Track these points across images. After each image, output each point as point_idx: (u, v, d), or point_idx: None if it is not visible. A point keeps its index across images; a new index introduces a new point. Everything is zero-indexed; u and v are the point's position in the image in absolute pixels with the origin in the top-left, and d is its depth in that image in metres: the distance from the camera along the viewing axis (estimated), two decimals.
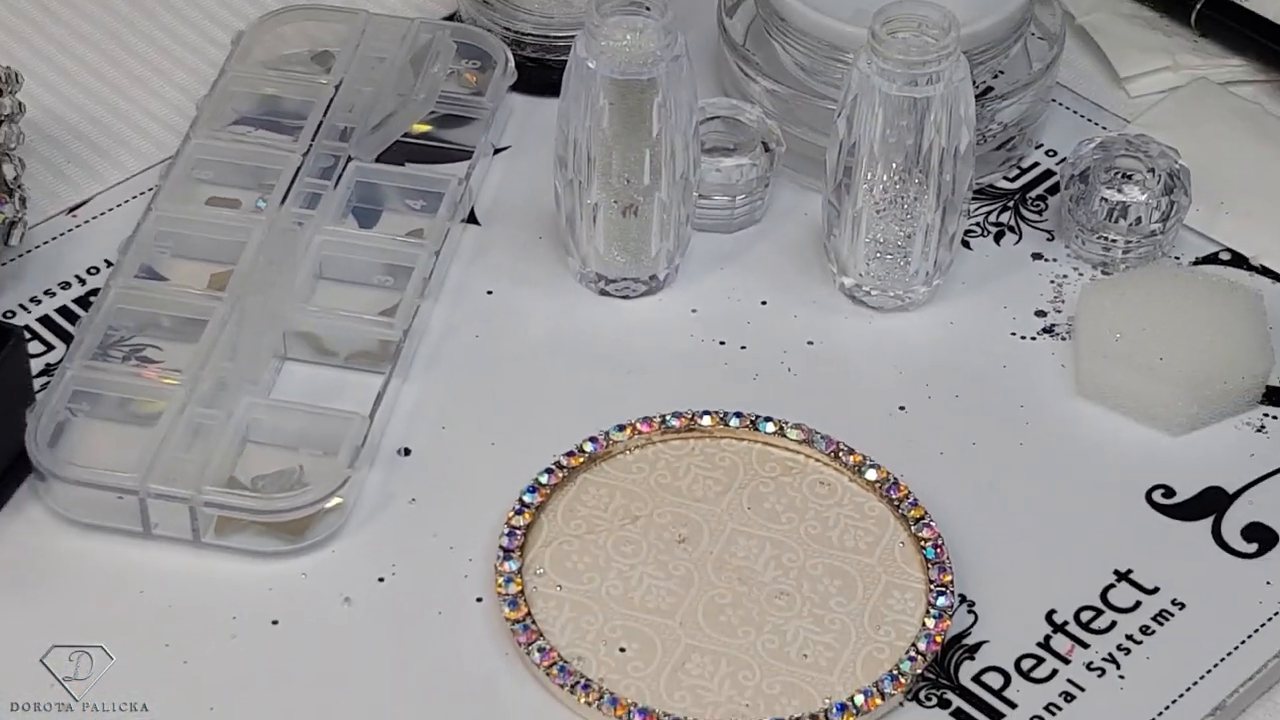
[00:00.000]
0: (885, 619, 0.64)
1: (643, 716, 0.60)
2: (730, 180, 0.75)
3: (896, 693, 0.61)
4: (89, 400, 0.68)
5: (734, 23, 0.79)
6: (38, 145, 0.77)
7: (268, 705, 0.61)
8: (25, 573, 0.65)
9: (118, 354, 0.70)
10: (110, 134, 0.79)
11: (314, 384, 0.70)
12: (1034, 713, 0.62)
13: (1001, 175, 0.78)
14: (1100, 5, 0.84)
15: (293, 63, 0.80)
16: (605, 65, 0.69)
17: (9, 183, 0.70)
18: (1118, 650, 0.64)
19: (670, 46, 0.69)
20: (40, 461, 0.65)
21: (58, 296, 0.73)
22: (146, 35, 0.83)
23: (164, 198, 0.74)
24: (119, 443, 0.67)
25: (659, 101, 0.69)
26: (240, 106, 0.78)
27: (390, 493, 0.67)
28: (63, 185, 0.77)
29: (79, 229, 0.75)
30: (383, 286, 0.72)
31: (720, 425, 0.68)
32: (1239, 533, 0.67)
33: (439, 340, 0.72)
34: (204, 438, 0.67)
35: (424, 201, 0.75)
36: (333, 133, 0.76)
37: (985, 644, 0.64)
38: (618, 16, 0.69)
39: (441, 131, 0.78)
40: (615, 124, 0.70)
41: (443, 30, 0.80)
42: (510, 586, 0.64)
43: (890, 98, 0.69)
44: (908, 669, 0.62)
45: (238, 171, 0.76)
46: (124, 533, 0.66)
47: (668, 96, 0.69)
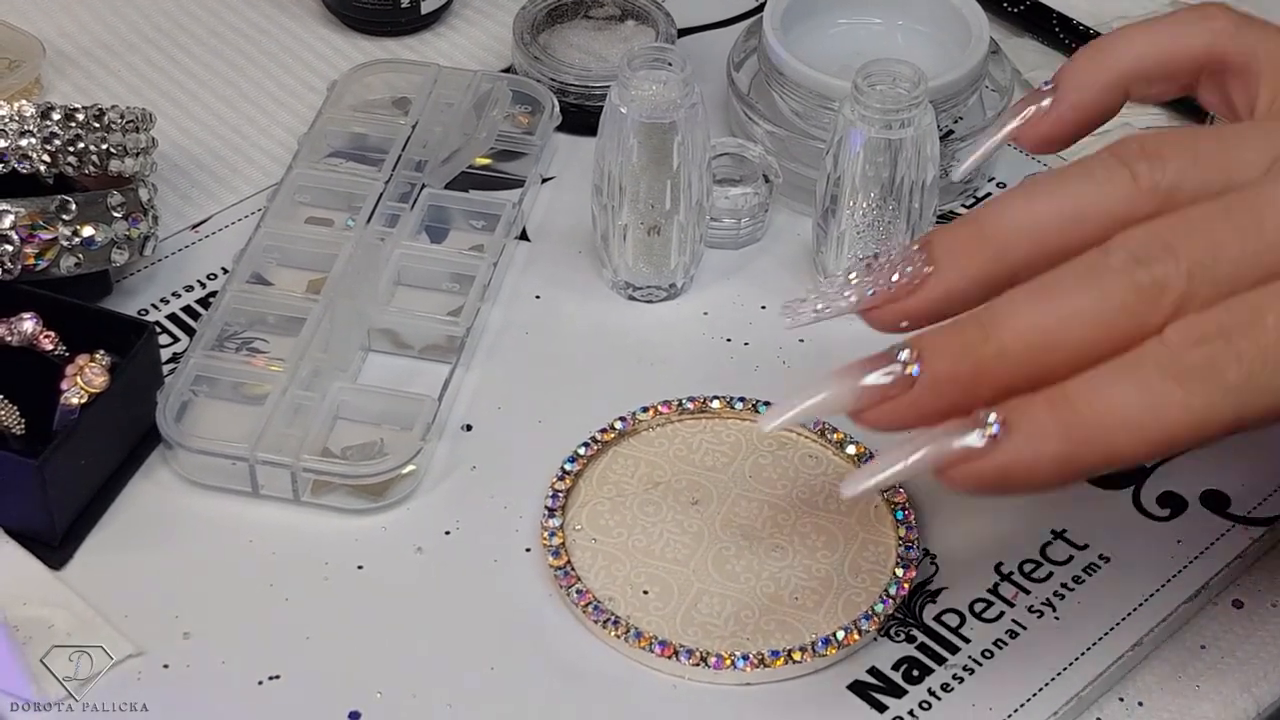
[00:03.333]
0: (862, 569, 0.64)
1: (661, 648, 0.60)
2: (736, 206, 0.75)
3: (871, 629, 0.61)
4: (208, 383, 0.68)
5: (740, 76, 0.79)
6: (167, 173, 0.77)
7: (353, 635, 0.62)
8: (156, 525, 0.65)
9: (232, 345, 0.70)
10: (227, 164, 0.79)
11: (393, 371, 0.70)
12: (984, 647, 0.62)
13: (960, 204, 0.78)
14: (1043, 63, 0.84)
15: (377, 107, 0.80)
16: (635, 110, 0.69)
17: (144, 204, 0.70)
18: (1054, 596, 0.63)
19: (688, 95, 0.69)
20: (168, 433, 0.65)
21: (182, 298, 0.73)
22: (257, 83, 0.83)
23: (271, 217, 0.74)
24: (232, 418, 0.67)
25: (679, 141, 0.69)
26: (334, 142, 0.78)
27: (455, 461, 0.67)
28: (187, 206, 0.77)
29: (200, 242, 0.75)
30: (450, 291, 0.72)
31: (727, 408, 0.68)
32: (1154, 500, 0.66)
33: (496, 336, 0.72)
34: (302, 415, 0.67)
35: (484, 221, 0.75)
36: (409, 164, 0.76)
37: (945, 590, 0.63)
38: (645, 70, 0.69)
39: (499, 164, 0.78)
40: (642, 159, 0.70)
41: (500, 80, 0.80)
42: (554, 539, 0.64)
43: (869, 139, 0.69)
44: (880, 610, 0.62)
45: (331, 196, 0.76)
46: (236, 493, 0.66)
47: (686, 136, 0.69)
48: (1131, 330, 0.49)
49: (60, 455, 0.62)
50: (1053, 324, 0.49)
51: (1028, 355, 0.50)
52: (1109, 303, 0.49)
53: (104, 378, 0.63)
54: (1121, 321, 0.49)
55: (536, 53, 0.81)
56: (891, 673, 0.61)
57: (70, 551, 0.64)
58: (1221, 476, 0.67)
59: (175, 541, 0.64)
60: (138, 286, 0.73)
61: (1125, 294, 0.49)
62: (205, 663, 0.60)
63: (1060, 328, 0.49)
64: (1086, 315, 0.49)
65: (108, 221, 0.68)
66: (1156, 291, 0.49)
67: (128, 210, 0.69)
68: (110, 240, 0.68)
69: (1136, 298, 0.49)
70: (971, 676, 0.61)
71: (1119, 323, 0.49)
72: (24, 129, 0.67)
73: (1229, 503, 0.66)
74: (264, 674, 0.60)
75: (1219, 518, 0.66)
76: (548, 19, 0.83)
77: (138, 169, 0.71)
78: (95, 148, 0.68)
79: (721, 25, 0.86)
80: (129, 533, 0.64)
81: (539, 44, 0.82)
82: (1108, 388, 0.48)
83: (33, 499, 0.62)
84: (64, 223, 0.67)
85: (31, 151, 0.67)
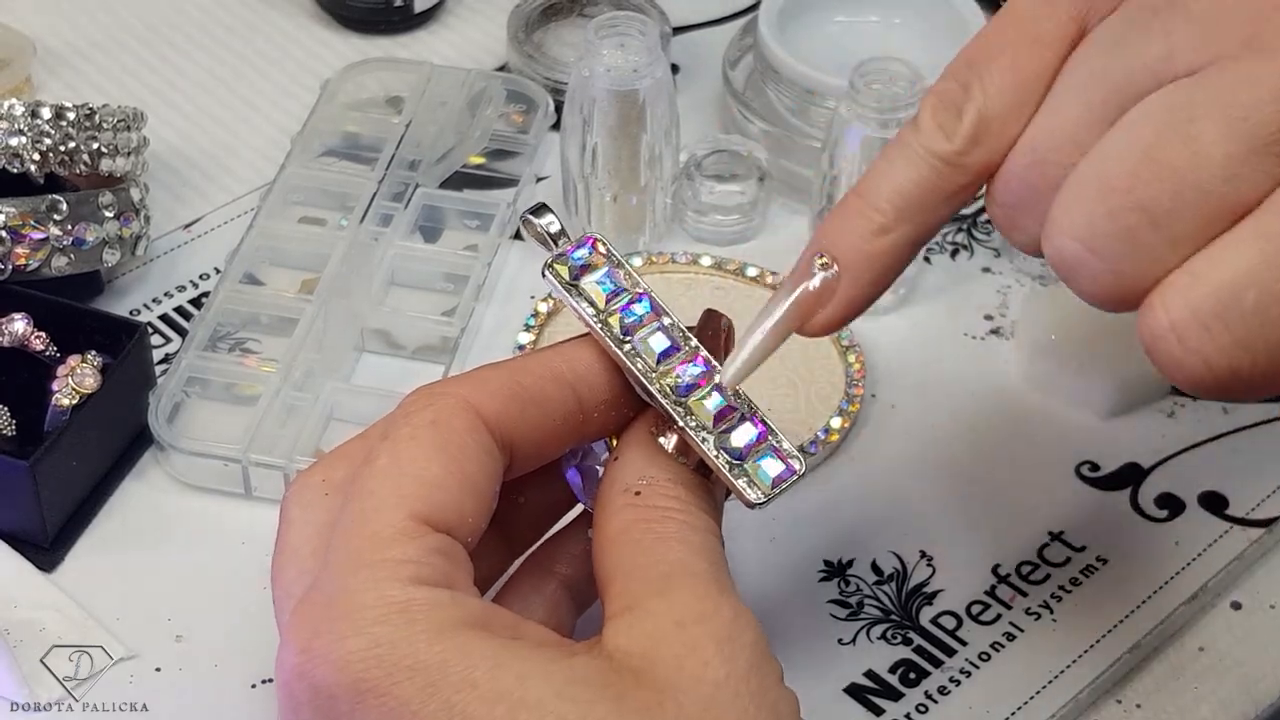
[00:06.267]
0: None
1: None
2: (727, 203, 0.74)
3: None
4: (200, 384, 0.68)
5: (735, 74, 0.79)
6: (159, 173, 0.77)
7: None
8: (148, 526, 0.65)
9: (224, 346, 0.70)
10: (219, 163, 0.79)
11: (386, 372, 0.70)
12: (981, 650, 0.62)
13: None
14: None
15: (370, 105, 0.79)
16: (601, 79, 0.69)
17: (136, 203, 0.70)
18: (1051, 598, 0.63)
19: (653, 65, 0.69)
20: (160, 434, 0.65)
21: (175, 298, 0.73)
22: (250, 82, 0.82)
23: (263, 216, 0.74)
24: (225, 419, 0.67)
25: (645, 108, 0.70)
26: (327, 141, 0.78)
27: None
28: (179, 205, 0.77)
29: (192, 242, 0.75)
30: (444, 291, 0.72)
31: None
32: (1152, 501, 0.66)
33: (490, 336, 0.71)
34: (295, 416, 0.66)
35: (478, 221, 0.75)
36: (403, 164, 0.76)
37: (941, 592, 0.63)
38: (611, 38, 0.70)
39: (493, 163, 0.78)
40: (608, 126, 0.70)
41: (494, 79, 0.79)
42: None
43: (866, 137, 0.68)
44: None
45: (324, 195, 0.75)
46: (229, 494, 0.65)
47: (651, 105, 0.70)
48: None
49: (51, 457, 0.62)
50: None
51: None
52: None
53: (95, 379, 0.63)
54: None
55: (530, 51, 0.81)
56: (888, 676, 0.61)
57: (62, 554, 0.63)
58: (1220, 478, 0.67)
59: (168, 543, 0.64)
60: (129, 287, 0.73)
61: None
62: (198, 665, 0.60)
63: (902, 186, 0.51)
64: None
65: (99, 221, 0.68)
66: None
67: (119, 210, 0.69)
68: (102, 240, 0.68)
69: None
70: (969, 679, 0.61)
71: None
72: (14, 128, 0.66)
73: (1227, 504, 0.66)
74: (257, 677, 0.60)
75: (1217, 519, 0.66)
76: (542, 17, 0.83)
77: (129, 168, 0.70)
78: (86, 147, 0.68)
79: (717, 23, 0.86)
80: (121, 535, 0.64)
81: (533, 42, 0.81)
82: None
83: (24, 501, 0.62)
84: (55, 223, 0.66)
85: (22, 151, 0.67)
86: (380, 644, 0.45)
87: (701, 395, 0.51)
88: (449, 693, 0.45)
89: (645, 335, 0.52)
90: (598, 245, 0.53)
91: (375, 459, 0.49)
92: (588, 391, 0.52)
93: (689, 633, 0.47)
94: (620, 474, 0.51)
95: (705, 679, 0.46)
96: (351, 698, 0.45)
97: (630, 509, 0.50)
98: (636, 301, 0.52)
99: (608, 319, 0.52)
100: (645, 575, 0.49)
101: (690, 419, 0.51)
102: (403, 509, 0.48)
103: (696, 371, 0.51)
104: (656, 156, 0.72)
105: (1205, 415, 0.69)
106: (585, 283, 0.52)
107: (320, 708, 0.46)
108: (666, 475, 0.51)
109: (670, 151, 0.72)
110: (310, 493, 0.51)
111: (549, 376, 0.51)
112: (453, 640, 0.46)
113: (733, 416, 0.51)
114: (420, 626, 0.46)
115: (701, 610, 0.48)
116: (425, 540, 0.47)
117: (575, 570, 0.55)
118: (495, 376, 0.51)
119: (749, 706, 0.47)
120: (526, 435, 0.51)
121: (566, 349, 0.52)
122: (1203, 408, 0.69)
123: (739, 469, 0.51)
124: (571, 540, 0.55)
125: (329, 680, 0.45)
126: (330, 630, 0.46)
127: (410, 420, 0.49)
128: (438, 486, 0.48)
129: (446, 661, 0.45)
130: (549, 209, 0.53)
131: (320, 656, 0.46)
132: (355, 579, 0.46)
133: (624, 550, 0.49)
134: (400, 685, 0.45)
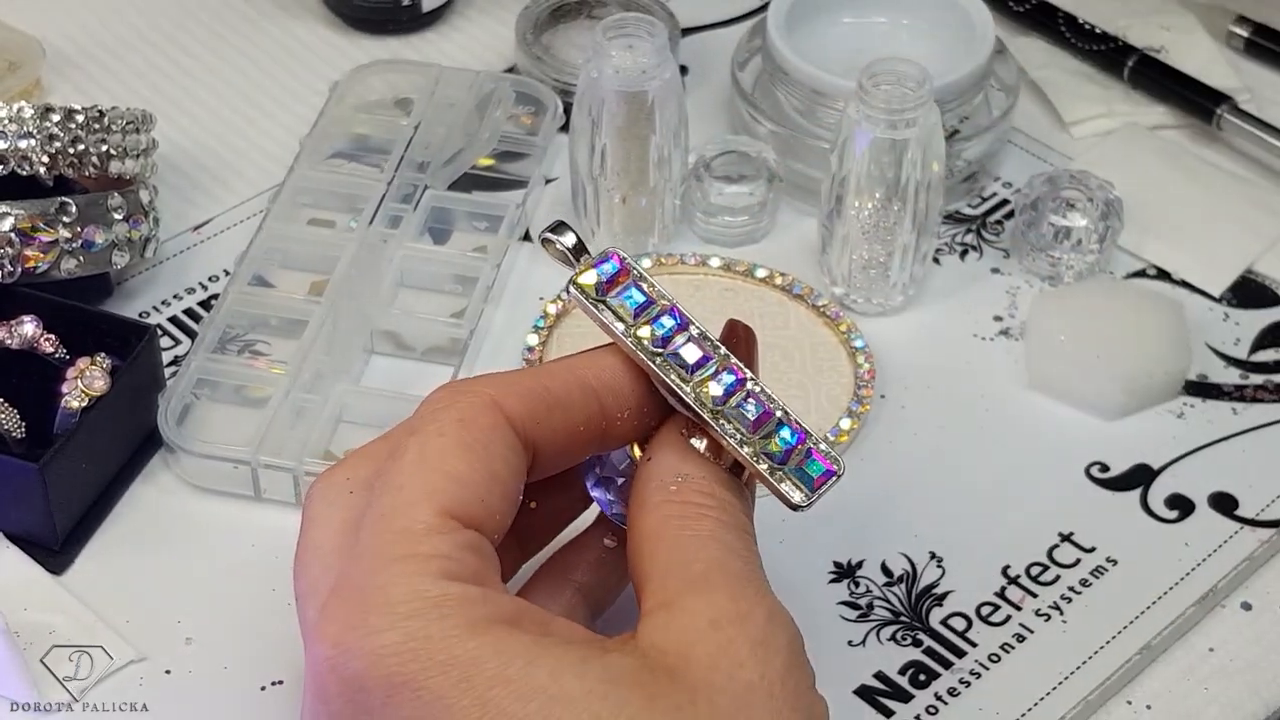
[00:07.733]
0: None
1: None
2: (736, 204, 0.74)
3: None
4: (210, 386, 0.68)
5: (744, 75, 0.79)
6: (168, 175, 0.77)
7: None
8: (157, 529, 0.65)
9: (234, 348, 0.70)
10: (228, 166, 0.79)
11: (396, 373, 0.70)
12: (991, 651, 0.62)
13: (966, 203, 0.78)
14: (1049, 62, 0.84)
15: (379, 107, 0.79)
16: (609, 80, 0.69)
17: (145, 205, 0.70)
18: (1061, 599, 0.63)
19: (662, 66, 0.69)
20: (170, 437, 0.65)
21: (184, 300, 0.73)
22: (259, 84, 0.83)
23: (273, 218, 0.74)
24: (235, 421, 0.67)
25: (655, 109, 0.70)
26: (336, 143, 0.78)
27: None
28: (189, 208, 0.77)
29: (202, 244, 0.75)
30: (453, 293, 0.72)
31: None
32: (1163, 502, 0.66)
33: (499, 337, 0.71)
34: (305, 418, 0.66)
35: (487, 223, 0.75)
36: (412, 165, 0.76)
37: (951, 593, 0.63)
38: (620, 39, 0.70)
39: (502, 165, 0.78)
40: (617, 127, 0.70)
41: (503, 81, 0.79)
42: None
43: (875, 138, 0.68)
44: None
45: (333, 197, 0.75)
46: (238, 496, 0.65)
47: (660, 106, 0.70)
48: None
49: (61, 459, 0.62)
50: None
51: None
52: None
53: (105, 381, 0.63)
54: None
55: (539, 53, 0.81)
56: (898, 677, 0.61)
57: (71, 556, 0.63)
58: (1230, 478, 0.67)
59: (177, 546, 0.64)
60: (139, 289, 0.73)
61: None
62: (207, 668, 0.60)
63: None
64: None
65: (108, 224, 0.68)
66: None
67: (128, 212, 0.69)
68: (111, 242, 0.68)
69: None
70: (979, 680, 0.61)
71: None
72: (24, 131, 0.66)
73: (1237, 505, 0.66)
74: (266, 679, 0.60)
75: (1227, 520, 0.65)
76: (550, 19, 0.83)
77: (138, 170, 0.70)
78: (95, 149, 0.68)
79: (725, 24, 0.86)
80: (130, 537, 0.64)
81: (542, 44, 0.81)
82: None
83: (34, 503, 0.62)
84: (64, 225, 0.66)
85: (31, 153, 0.67)
86: (414, 638, 0.45)
87: (738, 403, 0.52)
88: (483, 688, 0.45)
89: (678, 348, 0.52)
90: (620, 259, 0.53)
91: (403, 454, 0.49)
92: (612, 399, 0.52)
93: (724, 633, 0.47)
94: (655, 471, 0.51)
95: (739, 680, 0.46)
96: (384, 691, 0.45)
97: (667, 504, 0.50)
98: (666, 314, 0.53)
99: (637, 333, 0.52)
100: (682, 573, 0.49)
101: (728, 426, 0.51)
102: (432, 504, 0.48)
103: (731, 380, 0.52)
104: (665, 158, 0.72)
105: (1215, 416, 0.69)
106: (612, 298, 0.53)
107: (352, 701, 0.46)
108: (701, 473, 0.51)
109: (679, 153, 0.72)
110: (334, 490, 0.51)
111: (574, 382, 0.51)
112: (486, 636, 0.46)
113: (770, 422, 0.52)
114: (454, 621, 0.46)
115: (737, 610, 0.48)
116: (455, 536, 0.47)
117: (591, 577, 0.55)
118: (521, 378, 0.51)
119: (782, 709, 0.47)
120: (549, 438, 0.51)
121: (592, 357, 0.53)
122: (1213, 408, 0.69)
123: (780, 473, 0.52)
124: (587, 548, 0.55)
125: (361, 673, 0.45)
126: (363, 624, 0.46)
127: (437, 417, 0.50)
128: (465, 483, 0.48)
129: (480, 657, 0.45)
130: (568, 226, 0.53)
131: (353, 650, 0.46)
132: (387, 573, 0.46)
133: (660, 547, 0.49)
134: (434, 679, 0.45)
